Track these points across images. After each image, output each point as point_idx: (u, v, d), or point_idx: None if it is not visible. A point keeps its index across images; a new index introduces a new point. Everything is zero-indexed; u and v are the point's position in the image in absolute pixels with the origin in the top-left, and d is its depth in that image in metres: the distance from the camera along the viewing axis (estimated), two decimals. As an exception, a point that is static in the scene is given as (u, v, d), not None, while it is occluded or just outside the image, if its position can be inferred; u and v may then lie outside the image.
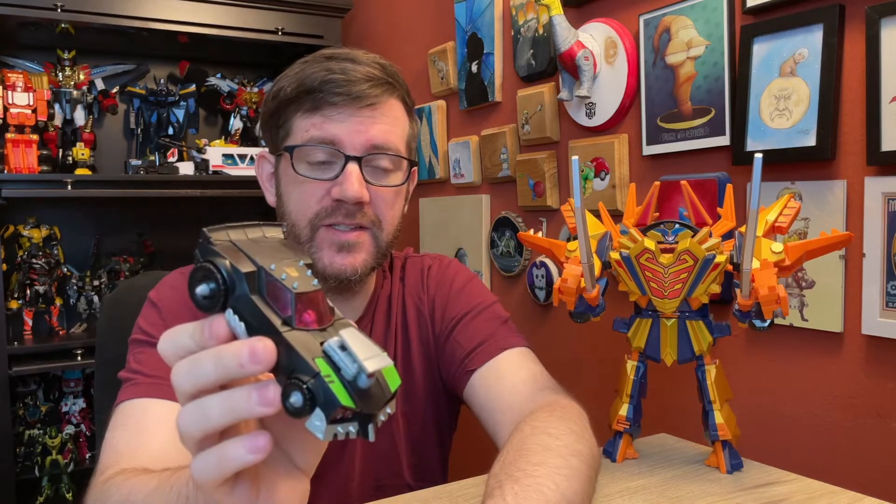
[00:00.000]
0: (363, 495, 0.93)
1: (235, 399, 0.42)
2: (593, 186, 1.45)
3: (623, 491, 0.79)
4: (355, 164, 0.85)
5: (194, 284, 0.43)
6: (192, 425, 0.43)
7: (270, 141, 0.93)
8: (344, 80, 0.85)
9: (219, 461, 0.43)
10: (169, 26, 2.04)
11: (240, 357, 0.41)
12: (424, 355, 0.99)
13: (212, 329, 0.43)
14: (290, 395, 0.40)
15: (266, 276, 0.42)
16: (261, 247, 0.45)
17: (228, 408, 0.42)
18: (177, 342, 0.45)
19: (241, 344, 0.41)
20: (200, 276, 0.43)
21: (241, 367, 0.41)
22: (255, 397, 0.41)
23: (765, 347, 1.18)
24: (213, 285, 0.43)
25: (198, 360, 0.43)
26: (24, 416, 2.10)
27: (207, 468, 0.43)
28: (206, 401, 0.43)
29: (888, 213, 0.99)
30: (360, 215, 0.86)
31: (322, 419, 0.40)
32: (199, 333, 0.44)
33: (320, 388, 0.40)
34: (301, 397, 0.40)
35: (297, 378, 0.40)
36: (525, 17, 1.63)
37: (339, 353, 0.41)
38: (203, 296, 0.43)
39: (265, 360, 0.41)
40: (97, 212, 2.30)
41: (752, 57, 1.14)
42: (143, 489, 0.61)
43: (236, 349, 0.41)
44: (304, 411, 0.40)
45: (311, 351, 0.41)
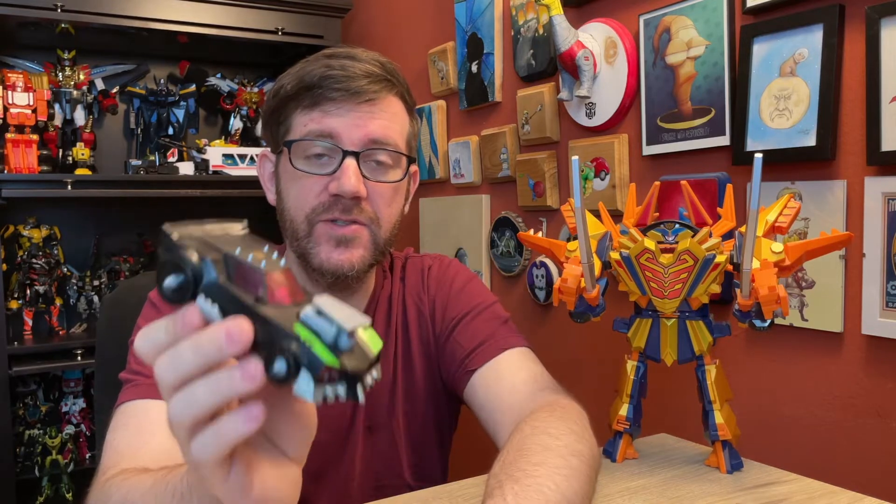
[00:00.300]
0: (363, 495, 0.93)
1: (219, 380, 0.42)
2: (593, 186, 1.45)
3: (623, 491, 0.79)
4: (353, 158, 0.85)
5: (162, 279, 0.43)
6: (180, 413, 0.43)
7: (271, 139, 0.93)
8: (343, 76, 0.85)
9: (216, 437, 0.43)
10: (169, 26, 2.04)
11: (217, 340, 0.41)
12: (425, 355, 0.99)
13: (185, 319, 0.43)
14: (274, 363, 0.41)
15: (233, 260, 0.43)
16: (223, 238, 0.45)
17: (214, 389, 0.42)
18: (152, 339, 0.45)
19: (216, 327, 0.41)
20: (167, 270, 0.43)
21: (219, 350, 0.41)
22: (239, 374, 0.41)
23: (765, 347, 1.18)
24: (181, 277, 0.43)
25: (177, 352, 0.43)
26: (24, 416, 2.10)
27: (206, 447, 0.43)
28: (190, 388, 0.43)
29: (888, 213, 0.99)
30: (358, 211, 0.86)
31: (308, 380, 0.40)
32: (172, 326, 0.44)
33: (302, 350, 0.40)
34: (285, 363, 0.40)
35: (279, 347, 0.40)
36: (525, 17, 1.63)
37: (317, 318, 0.41)
38: (171, 289, 0.43)
39: (242, 338, 0.41)
40: (97, 212, 2.30)
41: (752, 57, 1.14)
42: (141, 488, 0.61)
43: (212, 333, 0.41)
44: (289, 377, 0.40)
45: (289, 321, 0.41)
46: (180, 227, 0.45)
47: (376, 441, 0.96)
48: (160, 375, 0.44)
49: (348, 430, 0.94)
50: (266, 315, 0.41)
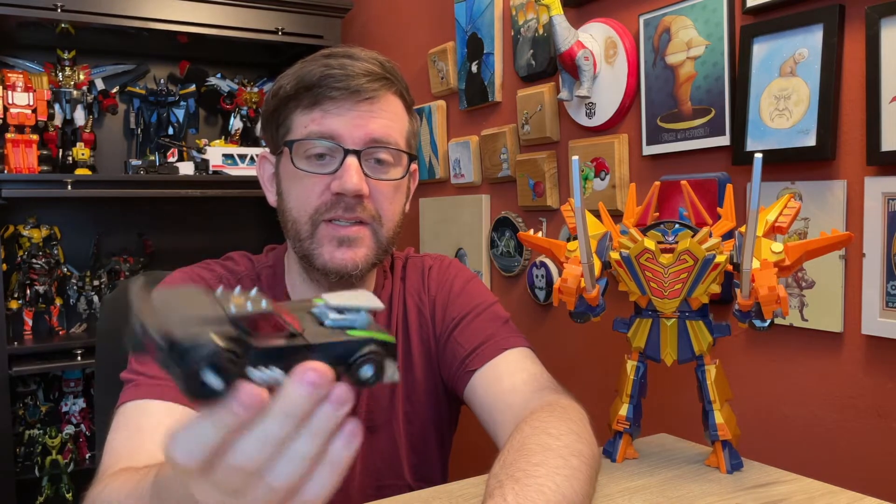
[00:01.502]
0: (364, 495, 0.93)
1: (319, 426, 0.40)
2: (593, 186, 1.45)
3: (623, 491, 0.79)
4: (354, 157, 0.85)
5: (199, 383, 0.36)
6: (291, 477, 0.41)
7: (271, 140, 0.93)
8: (342, 75, 0.85)
9: (332, 473, 0.42)
10: (169, 26, 2.04)
11: (305, 395, 0.39)
12: (425, 355, 0.99)
13: (248, 403, 0.38)
14: (360, 373, 0.41)
15: (241, 317, 0.39)
16: (193, 304, 0.40)
17: (320, 437, 0.41)
18: (202, 440, 0.39)
19: (296, 384, 0.39)
20: (196, 369, 0.36)
21: (312, 402, 0.40)
22: (346, 440, 0.42)
23: (765, 347, 1.18)
24: (225, 368, 0.37)
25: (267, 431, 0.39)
26: (24, 416, 2.10)
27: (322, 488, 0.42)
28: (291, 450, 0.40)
29: (888, 213, 0.99)
30: (360, 209, 0.86)
31: (393, 364, 0.42)
32: (229, 416, 0.38)
33: (379, 344, 0.42)
34: (372, 367, 0.42)
35: (359, 359, 0.41)
36: (525, 17, 1.63)
37: (345, 316, 0.42)
38: (217, 388, 0.37)
39: (327, 377, 0.39)
40: (97, 212, 2.30)
41: (752, 57, 1.14)
42: (123, 489, 0.62)
43: (296, 392, 0.39)
44: (378, 374, 0.42)
45: (335, 335, 0.41)
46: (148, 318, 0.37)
47: (376, 441, 0.96)
48: (248, 465, 0.39)
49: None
50: (318, 342, 0.41)
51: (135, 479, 0.61)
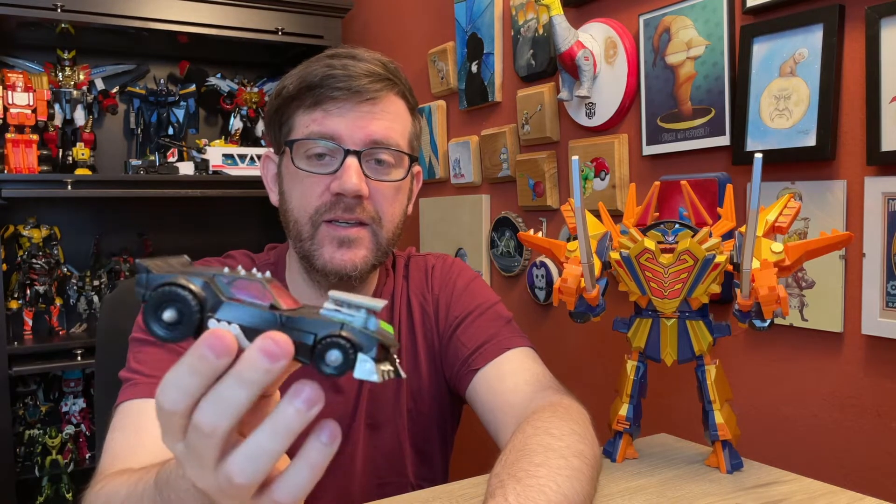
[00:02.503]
0: (365, 493, 0.94)
1: (283, 422, 0.39)
2: (593, 186, 1.45)
3: (623, 491, 0.79)
4: (354, 157, 0.85)
5: (157, 316, 0.39)
6: (253, 475, 0.40)
7: (274, 139, 0.94)
8: (344, 76, 0.85)
9: (311, 472, 0.41)
10: (169, 26, 2.04)
11: (260, 364, 0.38)
12: (429, 354, 0.99)
13: (214, 346, 0.38)
14: (326, 356, 0.39)
15: (229, 278, 0.40)
16: (188, 266, 0.42)
17: (283, 434, 0.39)
18: (179, 385, 0.39)
19: (254, 352, 0.38)
20: (159, 305, 0.39)
21: (268, 372, 0.38)
22: (300, 405, 0.39)
23: (765, 347, 1.18)
24: (179, 307, 0.39)
25: (221, 395, 0.39)
26: (24, 416, 2.10)
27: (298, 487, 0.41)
28: (254, 443, 0.39)
29: (888, 213, 0.99)
30: (360, 210, 0.86)
31: (370, 360, 0.40)
32: (199, 362, 0.39)
33: (355, 332, 0.40)
34: (340, 352, 0.39)
35: (326, 340, 0.39)
36: (525, 17, 1.63)
37: (340, 310, 0.40)
38: (171, 322, 0.39)
39: (285, 349, 0.38)
40: (97, 212, 2.30)
41: (752, 57, 1.14)
42: (123, 488, 0.62)
43: (252, 360, 0.38)
44: (347, 364, 0.39)
45: (318, 317, 0.40)
46: (149, 262, 0.41)
47: (379, 439, 0.96)
48: (209, 423, 0.39)
49: (349, 427, 0.94)
50: (295, 318, 0.40)
51: (135, 478, 0.61)
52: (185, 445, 0.41)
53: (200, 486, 0.43)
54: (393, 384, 0.97)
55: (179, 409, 0.40)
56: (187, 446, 0.41)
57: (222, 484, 0.41)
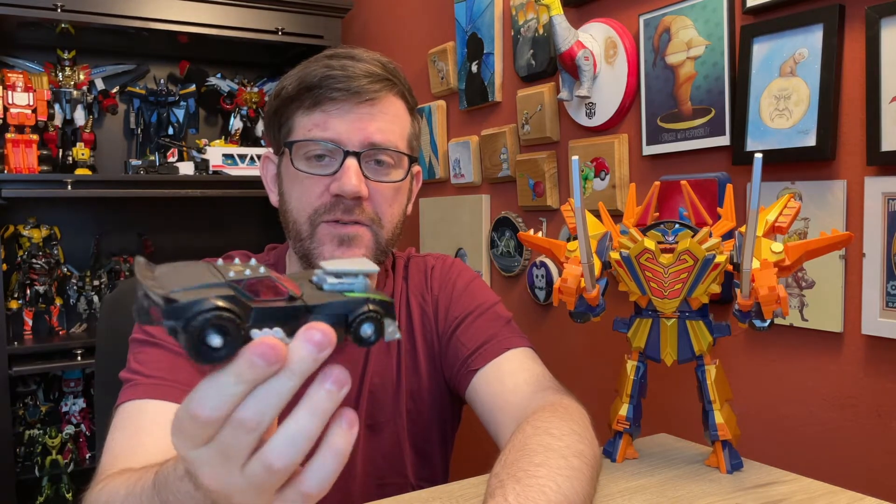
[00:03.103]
0: (366, 494, 0.94)
1: (318, 404, 0.40)
2: (593, 186, 1.45)
3: (623, 491, 0.79)
4: (354, 159, 0.85)
5: (197, 343, 0.37)
6: (291, 455, 0.40)
7: (273, 140, 0.93)
8: (343, 76, 0.85)
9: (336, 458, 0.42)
10: (169, 26, 2.04)
11: (309, 355, 0.39)
12: (429, 354, 0.99)
13: (267, 355, 0.38)
14: (361, 331, 0.42)
15: (243, 283, 0.40)
16: (188, 274, 0.41)
17: (319, 414, 0.40)
18: (225, 394, 0.39)
19: (301, 344, 0.39)
20: (202, 332, 0.37)
21: (315, 361, 0.39)
22: (330, 386, 0.40)
23: (765, 347, 1.18)
24: (226, 327, 0.38)
25: (270, 388, 0.39)
26: (24, 416, 2.10)
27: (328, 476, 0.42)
28: (292, 426, 0.40)
29: (888, 213, 0.99)
30: (359, 212, 0.86)
31: (391, 323, 0.43)
32: (249, 370, 0.38)
33: (377, 303, 0.42)
34: (372, 324, 0.42)
35: (360, 317, 0.42)
36: (525, 17, 1.63)
37: (342, 280, 0.43)
38: (218, 347, 0.38)
39: (329, 336, 0.39)
40: (97, 212, 2.30)
41: (752, 57, 1.14)
42: (122, 489, 0.62)
43: (301, 352, 0.39)
44: (379, 333, 0.43)
45: (333, 297, 0.42)
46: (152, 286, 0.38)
47: (379, 440, 0.96)
48: (251, 421, 0.39)
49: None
50: (318, 303, 0.42)
51: (133, 479, 0.61)
52: (214, 447, 0.41)
53: (219, 489, 0.42)
54: (392, 385, 0.97)
55: (220, 416, 0.40)
56: (215, 447, 0.41)
57: (255, 476, 0.41)
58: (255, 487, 0.41)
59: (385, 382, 0.97)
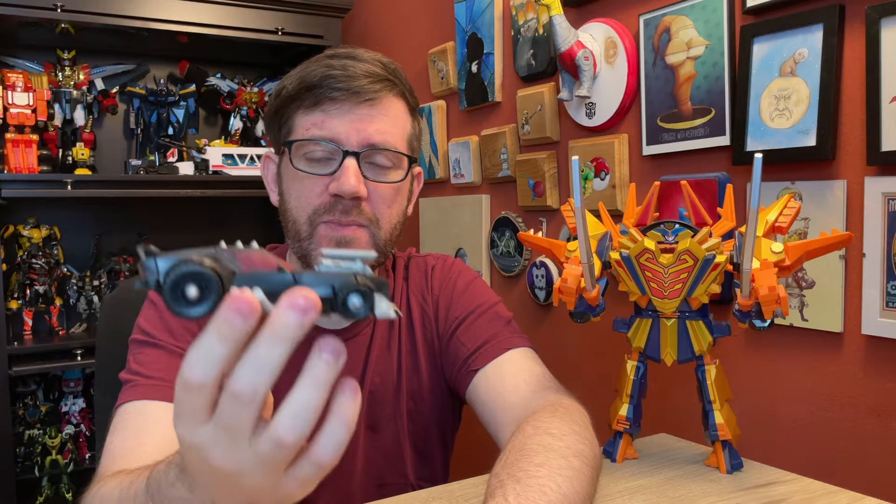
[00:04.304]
0: (365, 494, 0.94)
1: (319, 375, 0.39)
2: (593, 186, 1.45)
3: (623, 491, 0.79)
4: (353, 159, 0.85)
5: (175, 293, 0.39)
6: (301, 429, 0.40)
7: (273, 139, 0.93)
8: (344, 76, 0.85)
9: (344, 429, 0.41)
10: (169, 26, 2.04)
11: (293, 319, 0.38)
12: (429, 354, 0.99)
13: (240, 308, 0.38)
14: (349, 303, 0.42)
15: (230, 252, 0.42)
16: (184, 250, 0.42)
17: (322, 385, 0.40)
18: (210, 356, 0.39)
19: (284, 309, 0.38)
20: (178, 282, 0.39)
21: (301, 326, 0.38)
22: (328, 357, 0.40)
23: (765, 347, 1.18)
24: (200, 280, 0.40)
25: (258, 356, 0.39)
26: (24, 416, 2.10)
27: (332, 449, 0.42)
28: (296, 399, 0.40)
29: (888, 213, 0.99)
30: (357, 212, 0.86)
31: (384, 299, 0.42)
32: (226, 327, 0.38)
33: (367, 279, 0.42)
34: (359, 296, 0.42)
35: (346, 288, 0.42)
36: (525, 17, 1.63)
37: (337, 263, 0.43)
38: (195, 298, 0.39)
39: (314, 301, 0.38)
40: (97, 212, 2.30)
41: (752, 57, 1.14)
42: (116, 491, 0.62)
43: (284, 316, 0.38)
44: (369, 306, 0.42)
45: (325, 273, 0.42)
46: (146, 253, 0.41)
47: (379, 440, 0.96)
48: (246, 390, 0.39)
49: (349, 428, 0.94)
50: (306, 275, 0.42)
51: (128, 481, 0.61)
52: (216, 423, 0.41)
53: (230, 468, 0.42)
54: (393, 385, 0.97)
55: (210, 380, 0.39)
56: (218, 423, 0.40)
57: (264, 452, 0.41)
58: (266, 464, 0.41)
59: (385, 382, 0.97)
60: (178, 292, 0.40)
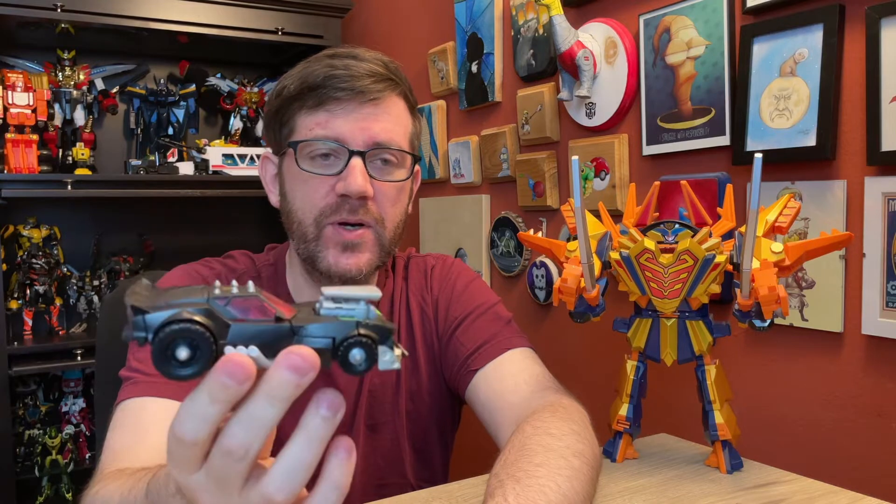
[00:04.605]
0: (365, 494, 0.94)
1: (314, 432, 0.39)
2: (593, 186, 1.45)
3: (623, 491, 0.79)
4: (359, 158, 0.85)
5: (165, 354, 0.37)
6: (291, 489, 0.39)
7: (274, 140, 0.93)
8: (347, 76, 0.85)
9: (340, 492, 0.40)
10: (169, 26, 2.04)
11: (289, 380, 0.37)
12: (428, 355, 0.99)
13: (234, 373, 0.37)
14: (350, 357, 0.39)
15: (224, 299, 0.39)
16: (172, 293, 0.40)
17: (316, 442, 0.39)
18: (201, 416, 0.38)
19: (279, 369, 0.37)
20: (168, 343, 0.37)
21: (297, 387, 0.37)
22: (325, 413, 0.39)
23: (765, 347, 1.18)
24: (192, 340, 0.38)
25: (251, 415, 0.38)
26: (24, 416, 2.10)
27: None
28: (289, 457, 0.39)
29: (888, 213, 0.99)
30: (364, 211, 0.86)
31: (388, 351, 0.40)
32: (220, 390, 0.37)
33: (370, 328, 0.40)
34: (361, 350, 0.40)
35: (347, 341, 0.39)
36: (525, 17, 1.63)
37: (340, 306, 0.40)
38: (185, 359, 0.37)
39: (312, 361, 0.37)
40: (97, 212, 2.30)
41: (752, 57, 1.14)
42: (117, 494, 0.62)
43: (280, 377, 0.37)
44: (371, 360, 0.40)
45: (326, 319, 0.40)
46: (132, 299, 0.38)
47: (378, 440, 0.96)
48: (237, 448, 0.38)
49: (348, 429, 0.94)
50: (308, 324, 0.40)
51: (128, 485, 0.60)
52: (206, 474, 0.40)
53: None
54: (392, 386, 0.97)
55: (201, 439, 0.39)
56: (209, 474, 0.40)
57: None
58: None
59: (385, 382, 0.97)
60: (167, 353, 0.38)
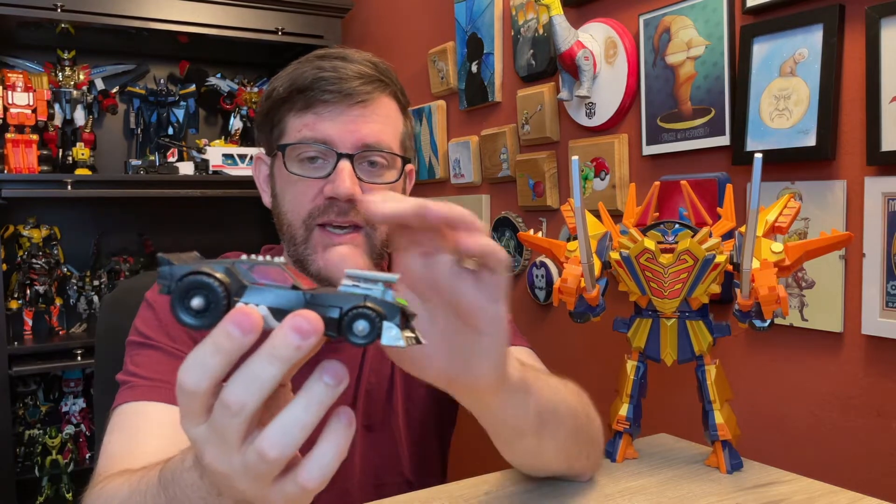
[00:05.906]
0: (364, 494, 0.93)
1: (315, 396, 0.39)
2: (593, 186, 1.45)
3: (623, 491, 0.79)
4: (347, 161, 0.85)
5: (182, 302, 0.40)
6: (285, 447, 0.40)
7: (265, 142, 0.93)
8: (335, 78, 0.85)
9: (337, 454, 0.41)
10: (169, 26, 2.04)
11: (291, 340, 0.38)
12: None
13: (241, 322, 0.38)
14: (354, 327, 0.40)
15: (249, 264, 0.42)
16: (212, 260, 0.43)
17: (316, 406, 0.40)
18: (204, 366, 0.39)
19: (284, 329, 0.38)
20: (186, 291, 0.40)
21: (299, 349, 0.38)
22: (328, 380, 0.39)
23: (765, 347, 1.18)
24: (207, 294, 0.40)
25: (251, 372, 0.39)
26: (24, 416, 2.10)
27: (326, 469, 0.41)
28: (287, 416, 0.40)
29: (888, 213, 0.99)
30: (353, 213, 0.86)
31: (394, 327, 0.41)
32: (225, 340, 0.39)
33: (378, 302, 0.41)
34: (366, 322, 0.40)
35: (352, 311, 0.40)
36: (525, 17, 1.63)
37: (359, 285, 0.41)
38: (199, 309, 0.40)
39: (315, 325, 0.38)
40: (97, 212, 2.30)
41: (752, 57, 1.14)
42: (124, 488, 0.62)
43: (282, 336, 0.38)
44: (374, 332, 0.40)
45: (340, 293, 0.41)
46: (168, 255, 0.42)
47: (376, 440, 0.96)
48: (234, 403, 0.39)
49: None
50: (319, 295, 0.41)
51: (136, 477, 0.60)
52: (209, 426, 0.41)
53: (221, 469, 0.42)
54: (387, 386, 0.97)
55: (202, 389, 0.40)
56: (211, 427, 0.41)
57: (250, 462, 0.41)
58: (251, 474, 0.41)
59: (381, 382, 0.96)
60: (184, 301, 0.40)
